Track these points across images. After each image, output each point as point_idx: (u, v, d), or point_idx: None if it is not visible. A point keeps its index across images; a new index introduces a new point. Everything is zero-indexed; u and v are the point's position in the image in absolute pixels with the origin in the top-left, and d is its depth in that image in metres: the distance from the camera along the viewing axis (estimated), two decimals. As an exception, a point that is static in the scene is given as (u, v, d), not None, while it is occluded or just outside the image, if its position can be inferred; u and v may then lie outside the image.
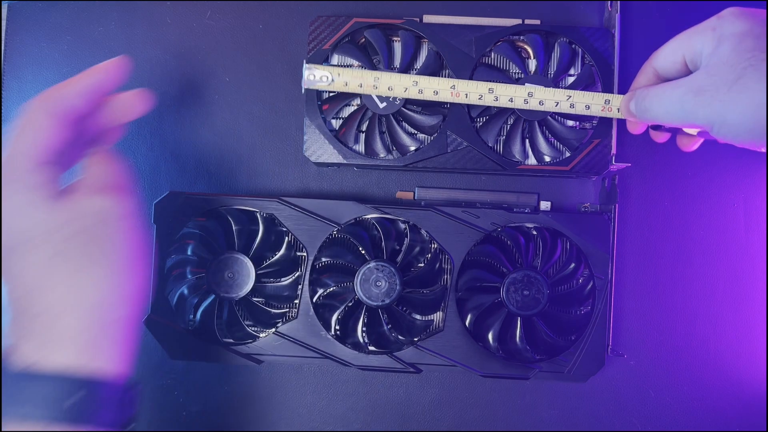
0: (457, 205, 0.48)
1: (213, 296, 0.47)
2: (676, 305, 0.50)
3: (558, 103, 0.45)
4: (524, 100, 0.45)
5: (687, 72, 0.39)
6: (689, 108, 0.35)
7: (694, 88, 0.35)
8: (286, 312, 0.49)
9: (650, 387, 0.50)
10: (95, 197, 0.35)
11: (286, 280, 0.48)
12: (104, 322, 0.33)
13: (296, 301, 0.48)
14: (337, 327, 0.48)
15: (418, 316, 0.49)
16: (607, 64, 0.48)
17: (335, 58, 0.50)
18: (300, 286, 0.48)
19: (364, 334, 0.48)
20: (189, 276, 0.48)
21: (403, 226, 0.48)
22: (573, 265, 0.48)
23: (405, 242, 0.48)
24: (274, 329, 0.47)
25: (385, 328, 0.48)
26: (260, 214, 0.48)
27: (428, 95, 0.46)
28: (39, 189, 0.33)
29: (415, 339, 0.48)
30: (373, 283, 0.47)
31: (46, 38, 0.52)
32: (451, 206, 0.48)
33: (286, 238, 0.48)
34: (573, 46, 0.49)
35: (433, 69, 0.49)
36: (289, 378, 0.51)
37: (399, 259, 0.48)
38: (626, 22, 0.52)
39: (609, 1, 0.50)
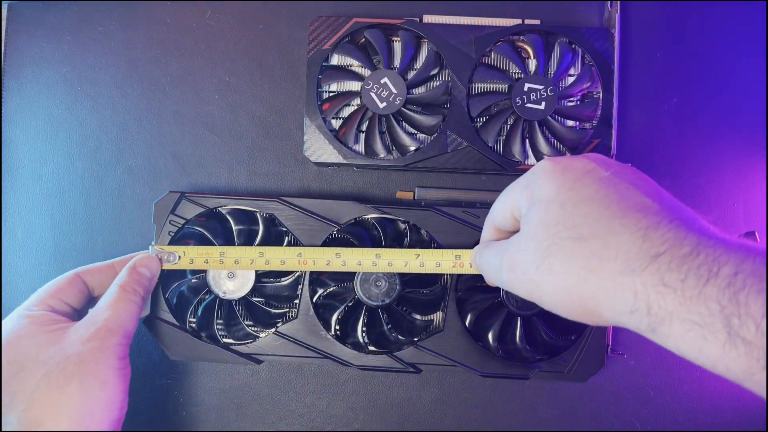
0: (457, 205, 0.48)
1: (213, 296, 0.47)
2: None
3: (407, 262, 0.44)
4: (372, 263, 0.44)
5: (518, 226, 0.36)
6: (507, 281, 0.34)
7: (508, 262, 0.33)
8: (286, 312, 0.49)
9: (650, 387, 0.50)
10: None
11: (286, 280, 0.48)
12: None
13: (296, 301, 0.48)
14: (337, 327, 0.48)
15: (418, 316, 0.49)
16: (606, 64, 0.48)
17: (335, 58, 0.50)
18: (300, 286, 0.48)
19: (364, 334, 0.48)
20: (189, 276, 0.48)
21: (403, 226, 0.48)
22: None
23: (405, 242, 0.48)
24: (274, 329, 0.47)
25: (385, 328, 0.48)
26: (260, 214, 0.48)
27: (275, 265, 0.45)
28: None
29: (415, 339, 0.48)
30: (373, 283, 0.47)
31: (46, 38, 0.52)
32: (451, 206, 0.48)
33: (286, 238, 0.48)
34: (573, 46, 0.49)
35: (432, 68, 0.49)
36: (289, 378, 0.51)
37: None
38: (626, 22, 0.52)
39: (609, 1, 0.50)
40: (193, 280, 0.48)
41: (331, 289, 0.48)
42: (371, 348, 0.48)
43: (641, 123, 0.51)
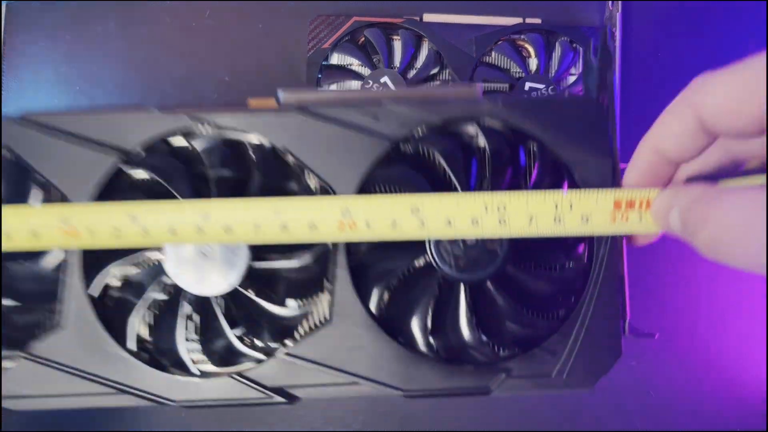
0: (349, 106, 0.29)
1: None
2: (677, 305, 0.50)
3: (259, 226, 0.27)
4: (197, 228, 0.28)
5: (710, 141, 0.26)
6: None
7: None
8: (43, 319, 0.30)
9: (650, 387, 0.50)
10: None
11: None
12: None
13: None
14: (149, 337, 0.30)
15: (279, 307, 0.30)
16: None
17: (335, 57, 0.50)
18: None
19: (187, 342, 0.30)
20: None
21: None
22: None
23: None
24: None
25: (224, 326, 0.29)
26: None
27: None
28: None
29: (282, 343, 0.29)
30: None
31: (45, 38, 0.52)
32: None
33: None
34: (574, 45, 0.49)
35: (433, 68, 0.48)
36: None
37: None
38: (627, 21, 0.52)
39: (610, 0, 0.50)
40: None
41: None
42: (200, 367, 0.29)
43: (641, 123, 0.51)
